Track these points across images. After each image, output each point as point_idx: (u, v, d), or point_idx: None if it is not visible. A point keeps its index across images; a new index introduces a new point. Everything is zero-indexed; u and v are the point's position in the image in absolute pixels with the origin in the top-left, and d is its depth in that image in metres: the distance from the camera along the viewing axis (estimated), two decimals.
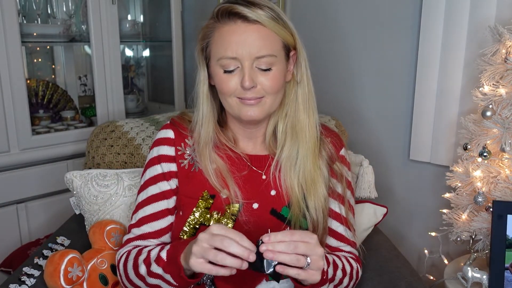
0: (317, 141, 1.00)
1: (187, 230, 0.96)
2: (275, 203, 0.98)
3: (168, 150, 1.01)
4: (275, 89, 0.93)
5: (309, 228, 0.96)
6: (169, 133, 1.03)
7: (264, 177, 1.00)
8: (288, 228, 0.95)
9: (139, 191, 1.04)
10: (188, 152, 1.01)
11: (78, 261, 1.00)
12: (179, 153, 1.01)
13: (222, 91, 0.94)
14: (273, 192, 0.99)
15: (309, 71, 0.99)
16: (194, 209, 0.97)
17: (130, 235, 1.01)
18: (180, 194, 1.00)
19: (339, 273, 0.94)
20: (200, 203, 0.97)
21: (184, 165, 1.00)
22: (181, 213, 0.99)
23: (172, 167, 1.01)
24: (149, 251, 0.93)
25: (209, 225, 0.94)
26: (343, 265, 0.97)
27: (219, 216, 0.96)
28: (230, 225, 0.95)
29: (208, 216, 0.96)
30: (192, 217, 0.96)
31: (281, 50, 0.93)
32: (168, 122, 1.06)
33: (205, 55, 0.97)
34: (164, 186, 1.01)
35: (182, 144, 1.01)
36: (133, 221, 1.02)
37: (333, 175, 1.03)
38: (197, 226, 0.96)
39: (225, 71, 0.91)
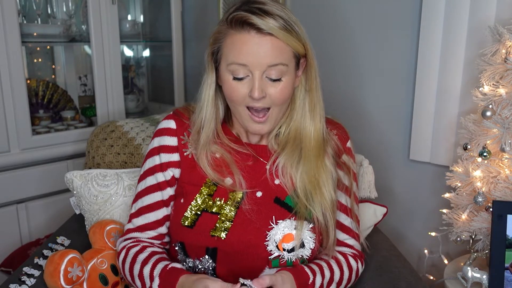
0: (322, 146, 1.00)
1: (189, 216, 0.97)
2: (278, 192, 0.98)
3: (170, 141, 1.02)
4: (282, 101, 0.95)
5: (316, 227, 0.96)
6: (171, 124, 1.03)
7: (268, 166, 1.01)
8: (293, 218, 0.95)
9: (139, 180, 1.06)
10: (191, 141, 1.02)
11: (78, 261, 1.00)
12: (182, 142, 1.02)
13: (231, 99, 0.95)
14: (277, 181, 0.99)
15: (319, 78, 0.99)
16: (197, 195, 0.97)
17: (130, 225, 1.05)
18: (183, 182, 1.01)
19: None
20: (203, 190, 0.98)
21: (188, 154, 1.01)
22: (182, 200, 0.99)
23: (174, 157, 1.02)
24: (142, 268, 0.94)
25: (211, 212, 0.96)
26: (341, 273, 1.00)
27: (222, 203, 0.96)
28: (232, 213, 0.95)
29: (211, 202, 0.96)
30: (194, 203, 0.97)
31: (291, 59, 0.93)
32: (171, 112, 1.06)
33: (214, 59, 0.97)
34: (159, 177, 1.02)
35: (185, 134, 1.02)
36: (133, 210, 1.05)
37: (340, 167, 1.04)
38: (199, 212, 0.96)
39: (235, 78, 0.92)
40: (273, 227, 0.94)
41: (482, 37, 1.27)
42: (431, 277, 1.52)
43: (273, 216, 0.95)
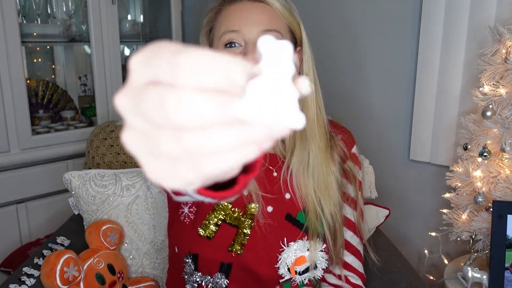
0: (327, 141, 0.94)
1: (209, 224, 0.89)
2: (290, 208, 0.91)
3: None
4: None
5: (326, 235, 0.91)
6: None
7: (275, 174, 0.93)
8: (305, 237, 0.89)
9: None
10: None
11: (74, 261, 1.00)
12: None
13: None
14: (287, 196, 0.92)
15: (315, 68, 0.94)
16: (215, 205, 0.89)
17: None
18: None
19: None
20: None
21: None
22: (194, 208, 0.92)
23: None
24: None
25: (229, 224, 0.88)
26: None
27: (239, 216, 0.90)
28: (249, 227, 0.89)
29: (230, 212, 0.90)
30: (216, 211, 0.90)
31: (287, 33, 0.88)
32: None
33: (209, 41, 0.92)
34: None
35: None
36: None
37: (344, 175, 0.96)
38: (219, 223, 0.89)
39: (226, 45, 0.85)
40: (284, 249, 0.88)
41: (482, 37, 1.27)
42: (431, 277, 1.52)
43: (285, 238, 0.88)
